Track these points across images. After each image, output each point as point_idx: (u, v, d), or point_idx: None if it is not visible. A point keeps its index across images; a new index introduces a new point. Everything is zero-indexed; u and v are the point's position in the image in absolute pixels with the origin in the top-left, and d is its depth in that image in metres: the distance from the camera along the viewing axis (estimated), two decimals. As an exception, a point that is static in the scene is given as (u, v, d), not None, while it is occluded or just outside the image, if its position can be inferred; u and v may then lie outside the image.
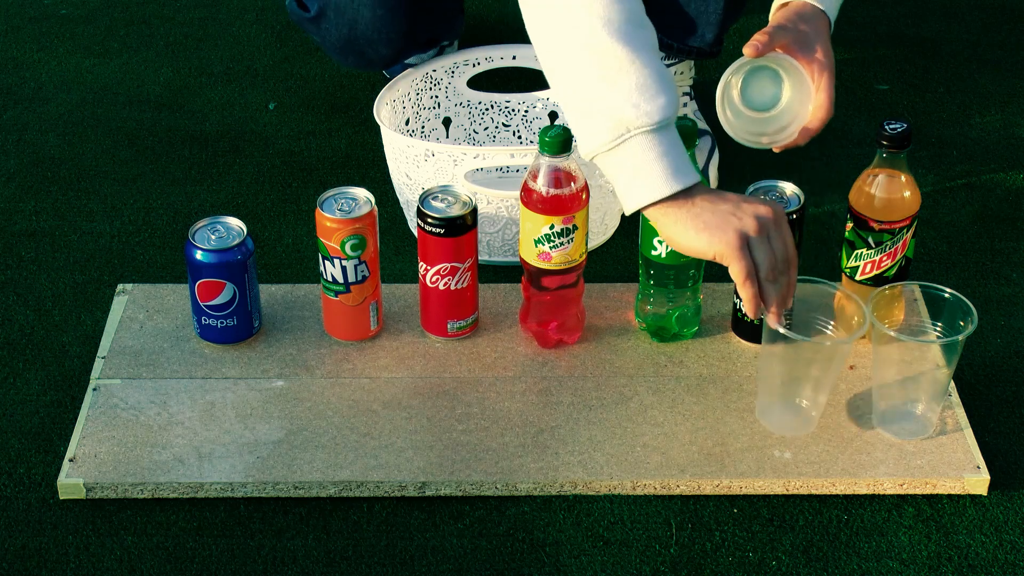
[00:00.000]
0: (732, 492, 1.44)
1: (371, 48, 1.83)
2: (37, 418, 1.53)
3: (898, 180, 1.52)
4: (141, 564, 1.37)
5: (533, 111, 1.90)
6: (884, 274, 1.55)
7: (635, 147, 1.38)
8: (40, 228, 1.82)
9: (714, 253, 1.38)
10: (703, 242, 1.38)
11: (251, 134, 2.01)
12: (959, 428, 1.49)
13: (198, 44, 2.23)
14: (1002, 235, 1.82)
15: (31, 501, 1.44)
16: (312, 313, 1.63)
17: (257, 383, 1.54)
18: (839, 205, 1.80)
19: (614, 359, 1.58)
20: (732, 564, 1.38)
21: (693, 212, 1.38)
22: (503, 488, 1.44)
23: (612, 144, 1.38)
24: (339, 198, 1.54)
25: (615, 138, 1.38)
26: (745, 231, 1.37)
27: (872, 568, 1.37)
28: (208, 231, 1.55)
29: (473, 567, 1.37)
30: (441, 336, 1.60)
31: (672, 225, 1.39)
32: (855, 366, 1.56)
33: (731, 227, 1.37)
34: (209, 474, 1.43)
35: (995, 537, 1.41)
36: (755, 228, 1.37)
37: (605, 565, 1.38)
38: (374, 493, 1.43)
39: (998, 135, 2.03)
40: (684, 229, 1.38)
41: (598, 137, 1.39)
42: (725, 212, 1.38)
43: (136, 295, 1.66)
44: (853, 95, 2.11)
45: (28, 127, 2.02)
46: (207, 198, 1.88)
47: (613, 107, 1.37)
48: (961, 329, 1.44)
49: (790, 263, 1.40)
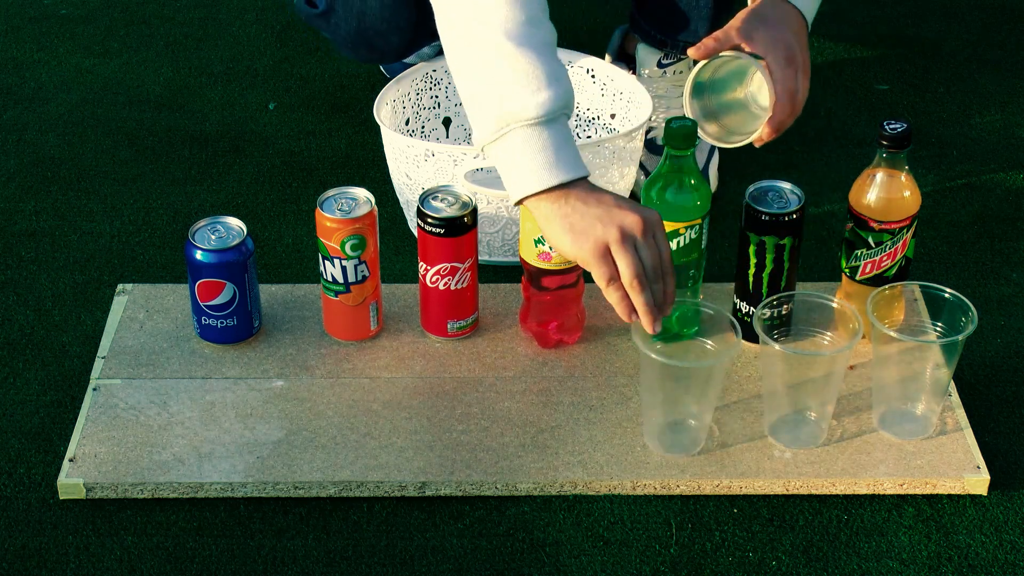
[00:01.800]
0: (732, 492, 1.44)
1: (381, 39, 1.83)
2: (37, 418, 1.53)
3: (898, 180, 1.52)
4: (141, 564, 1.37)
5: (533, 111, 1.90)
6: (884, 274, 1.55)
7: (515, 140, 1.39)
8: (40, 228, 1.82)
9: (575, 256, 1.39)
10: (567, 244, 1.39)
11: (251, 134, 2.01)
12: (959, 428, 1.49)
13: (198, 44, 2.23)
14: (1002, 235, 1.82)
15: (31, 501, 1.44)
16: (312, 313, 1.63)
17: (257, 383, 1.54)
18: (839, 205, 1.80)
19: (614, 359, 1.58)
20: (732, 564, 1.38)
21: (563, 212, 1.39)
22: (503, 488, 1.44)
23: (495, 136, 1.40)
24: (339, 198, 1.54)
25: (497, 130, 1.40)
26: (606, 239, 1.37)
27: (872, 568, 1.37)
28: (208, 231, 1.55)
29: (473, 567, 1.37)
30: (441, 336, 1.60)
31: (543, 220, 1.40)
32: (855, 366, 1.56)
33: (593, 234, 1.37)
34: (209, 474, 1.43)
35: (995, 537, 1.41)
36: (617, 237, 1.37)
37: (605, 565, 1.38)
38: (374, 493, 1.43)
39: (998, 135, 2.03)
40: (553, 227, 1.40)
41: (485, 128, 1.41)
42: (592, 217, 1.38)
43: (136, 295, 1.66)
44: (853, 95, 2.11)
45: (28, 127, 2.02)
46: (207, 198, 1.88)
47: (497, 101, 1.39)
48: (961, 329, 1.44)
49: (662, 272, 1.39)
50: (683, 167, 1.51)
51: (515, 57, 1.39)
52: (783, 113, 1.56)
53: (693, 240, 1.53)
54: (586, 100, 1.86)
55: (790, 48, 1.55)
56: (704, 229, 1.54)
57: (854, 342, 1.42)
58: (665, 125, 1.50)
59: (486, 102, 1.40)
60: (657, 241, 1.39)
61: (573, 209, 1.38)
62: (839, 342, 1.47)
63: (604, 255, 1.38)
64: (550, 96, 1.39)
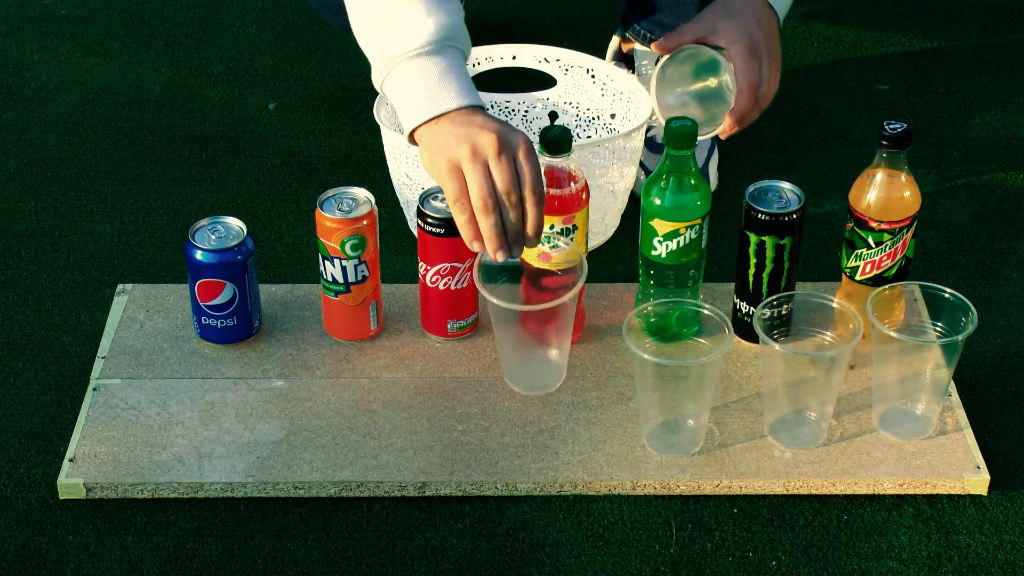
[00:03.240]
0: (732, 492, 1.44)
1: None
2: (37, 418, 1.53)
3: (898, 180, 1.52)
4: (141, 564, 1.37)
5: (533, 111, 1.90)
6: (884, 274, 1.55)
7: (399, 76, 1.42)
8: (40, 228, 1.82)
9: (432, 175, 1.39)
10: (426, 162, 1.40)
11: (251, 134, 2.01)
12: (959, 428, 1.49)
13: (198, 44, 2.23)
14: (1002, 235, 1.82)
15: (31, 501, 1.44)
16: (312, 313, 1.63)
17: (257, 383, 1.54)
18: (839, 205, 1.80)
19: (614, 359, 1.58)
20: (732, 564, 1.38)
21: (432, 132, 1.39)
22: (503, 488, 1.44)
23: (384, 76, 1.43)
24: (339, 198, 1.54)
25: (384, 67, 1.43)
26: (457, 157, 1.36)
27: (872, 568, 1.37)
28: (208, 231, 1.55)
29: (473, 567, 1.37)
30: (441, 336, 1.60)
31: (420, 148, 1.41)
32: (855, 366, 1.56)
33: (447, 151, 1.37)
34: (209, 474, 1.43)
35: (995, 537, 1.41)
36: (469, 155, 1.35)
37: (605, 565, 1.38)
38: (374, 493, 1.43)
39: (998, 135, 2.03)
40: (422, 151, 1.41)
41: (376, 68, 1.44)
42: (450, 135, 1.37)
43: (136, 295, 1.66)
44: (853, 95, 2.11)
45: (28, 127, 2.02)
46: (207, 198, 1.88)
47: (380, 39, 1.43)
48: (961, 329, 1.44)
49: (520, 197, 1.36)
50: (683, 167, 1.51)
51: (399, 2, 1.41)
52: (745, 105, 1.57)
53: (693, 240, 1.53)
54: (586, 100, 1.86)
55: (753, 39, 1.56)
56: (704, 229, 1.54)
57: (854, 342, 1.42)
58: (665, 125, 1.50)
59: (372, 41, 1.43)
60: (518, 163, 1.36)
61: (440, 129, 1.39)
62: (839, 342, 1.47)
63: (454, 171, 1.36)
64: (429, 29, 1.40)
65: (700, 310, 1.49)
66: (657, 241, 1.53)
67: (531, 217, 1.37)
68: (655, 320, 1.57)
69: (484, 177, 1.35)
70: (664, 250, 1.54)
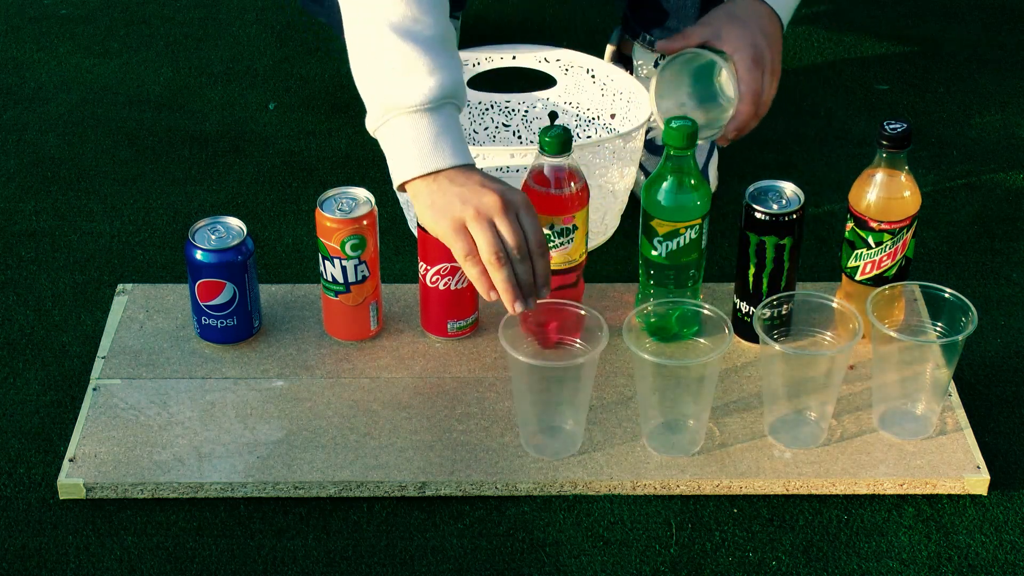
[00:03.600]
0: (732, 492, 1.44)
1: None
2: (37, 418, 1.53)
3: (898, 180, 1.52)
4: (141, 564, 1.37)
5: (533, 111, 1.90)
6: (884, 274, 1.55)
7: (395, 128, 1.44)
8: (40, 228, 1.82)
9: (436, 233, 1.43)
10: (429, 221, 1.43)
11: (251, 134, 2.01)
12: (959, 428, 1.49)
13: (198, 44, 2.23)
14: (1002, 235, 1.82)
15: (31, 501, 1.44)
16: (312, 313, 1.63)
17: (257, 383, 1.54)
18: (839, 205, 1.80)
19: (614, 359, 1.58)
20: (732, 564, 1.38)
21: (430, 190, 1.43)
22: (503, 488, 1.44)
23: (378, 124, 1.46)
24: (339, 198, 1.54)
25: (381, 116, 1.45)
26: (463, 217, 1.40)
27: (872, 568, 1.37)
28: (208, 231, 1.55)
29: (473, 567, 1.37)
30: (441, 336, 1.60)
31: (416, 203, 1.45)
32: (855, 366, 1.56)
33: (451, 211, 1.41)
34: (209, 474, 1.43)
35: (995, 537, 1.41)
36: (473, 215, 1.40)
37: (605, 565, 1.38)
38: (374, 493, 1.43)
39: (998, 135, 2.03)
40: (421, 207, 1.44)
41: (371, 115, 1.47)
42: (452, 195, 1.41)
43: (136, 295, 1.66)
44: (853, 95, 2.11)
45: (28, 127, 2.02)
46: (207, 198, 1.88)
47: (380, 90, 1.45)
48: (961, 329, 1.44)
49: (528, 253, 1.41)
50: (683, 167, 1.51)
51: (398, 49, 1.43)
52: (746, 114, 1.57)
53: (693, 240, 1.53)
54: (586, 100, 1.86)
55: (758, 48, 1.56)
56: (704, 229, 1.54)
57: (854, 342, 1.42)
58: (665, 125, 1.50)
59: (371, 90, 1.46)
60: (521, 221, 1.41)
61: (439, 187, 1.42)
62: (839, 342, 1.47)
63: (460, 230, 1.41)
64: (430, 86, 1.43)
65: (700, 310, 1.49)
66: (657, 241, 1.53)
67: (539, 268, 1.43)
68: (655, 320, 1.57)
69: (492, 234, 1.40)
70: (664, 250, 1.54)
